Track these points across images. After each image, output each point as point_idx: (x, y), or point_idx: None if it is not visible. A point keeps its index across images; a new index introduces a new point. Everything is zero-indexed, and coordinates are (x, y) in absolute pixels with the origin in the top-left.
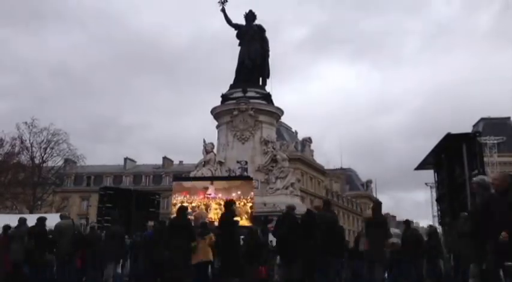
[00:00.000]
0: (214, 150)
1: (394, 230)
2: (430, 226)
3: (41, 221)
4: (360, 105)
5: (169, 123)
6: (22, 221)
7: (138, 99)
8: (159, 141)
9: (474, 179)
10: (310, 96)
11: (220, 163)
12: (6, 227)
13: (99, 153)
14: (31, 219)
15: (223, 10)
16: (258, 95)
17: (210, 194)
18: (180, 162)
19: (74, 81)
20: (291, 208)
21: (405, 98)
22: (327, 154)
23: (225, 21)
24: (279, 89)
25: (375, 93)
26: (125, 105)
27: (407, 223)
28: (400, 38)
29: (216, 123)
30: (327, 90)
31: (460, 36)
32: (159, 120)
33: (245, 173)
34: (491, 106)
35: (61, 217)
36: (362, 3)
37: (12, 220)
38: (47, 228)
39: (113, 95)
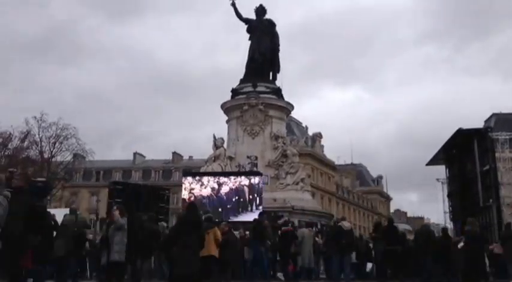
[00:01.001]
0: (225, 145)
1: (404, 226)
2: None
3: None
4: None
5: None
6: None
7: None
8: (170, 139)
9: None
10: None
11: (230, 158)
12: None
13: (109, 150)
14: None
15: (233, 4)
16: (268, 90)
17: None
18: (190, 157)
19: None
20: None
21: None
22: (337, 149)
23: (235, 17)
24: (290, 84)
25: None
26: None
27: None
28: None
29: (226, 118)
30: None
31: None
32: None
33: (255, 168)
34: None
35: (70, 211)
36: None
37: None
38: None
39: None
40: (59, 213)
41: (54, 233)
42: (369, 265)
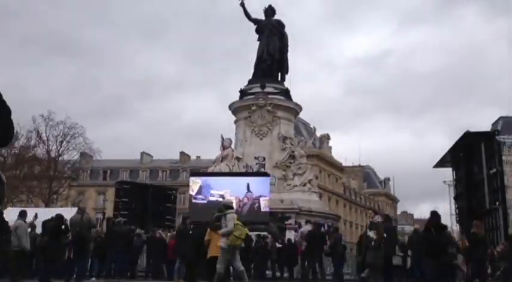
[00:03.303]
0: (232, 145)
1: (411, 228)
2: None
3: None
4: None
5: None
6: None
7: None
8: (176, 136)
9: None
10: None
11: (238, 159)
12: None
13: (115, 148)
14: (46, 214)
15: (242, 5)
16: (276, 91)
17: None
18: (198, 157)
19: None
20: None
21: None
22: (345, 151)
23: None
24: (298, 84)
25: None
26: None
27: None
28: None
29: (234, 118)
30: None
31: None
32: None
33: (262, 169)
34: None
35: (77, 210)
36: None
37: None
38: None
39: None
40: (65, 213)
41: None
42: None
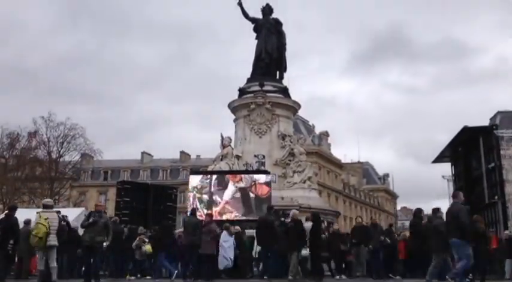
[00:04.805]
0: (232, 144)
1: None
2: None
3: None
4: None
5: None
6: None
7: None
8: (177, 136)
9: None
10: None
11: (238, 157)
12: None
13: (116, 148)
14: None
15: (240, 4)
16: (275, 89)
17: None
18: (198, 156)
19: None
20: None
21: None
22: (344, 147)
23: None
24: (296, 82)
25: None
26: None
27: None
28: None
29: (233, 117)
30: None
31: None
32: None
33: (262, 167)
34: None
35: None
36: None
37: (30, 214)
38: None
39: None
40: (67, 213)
41: None
42: None
